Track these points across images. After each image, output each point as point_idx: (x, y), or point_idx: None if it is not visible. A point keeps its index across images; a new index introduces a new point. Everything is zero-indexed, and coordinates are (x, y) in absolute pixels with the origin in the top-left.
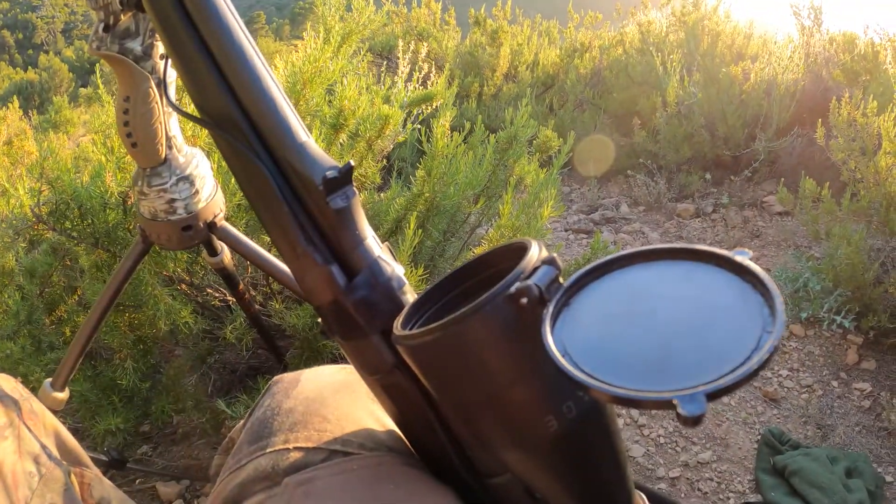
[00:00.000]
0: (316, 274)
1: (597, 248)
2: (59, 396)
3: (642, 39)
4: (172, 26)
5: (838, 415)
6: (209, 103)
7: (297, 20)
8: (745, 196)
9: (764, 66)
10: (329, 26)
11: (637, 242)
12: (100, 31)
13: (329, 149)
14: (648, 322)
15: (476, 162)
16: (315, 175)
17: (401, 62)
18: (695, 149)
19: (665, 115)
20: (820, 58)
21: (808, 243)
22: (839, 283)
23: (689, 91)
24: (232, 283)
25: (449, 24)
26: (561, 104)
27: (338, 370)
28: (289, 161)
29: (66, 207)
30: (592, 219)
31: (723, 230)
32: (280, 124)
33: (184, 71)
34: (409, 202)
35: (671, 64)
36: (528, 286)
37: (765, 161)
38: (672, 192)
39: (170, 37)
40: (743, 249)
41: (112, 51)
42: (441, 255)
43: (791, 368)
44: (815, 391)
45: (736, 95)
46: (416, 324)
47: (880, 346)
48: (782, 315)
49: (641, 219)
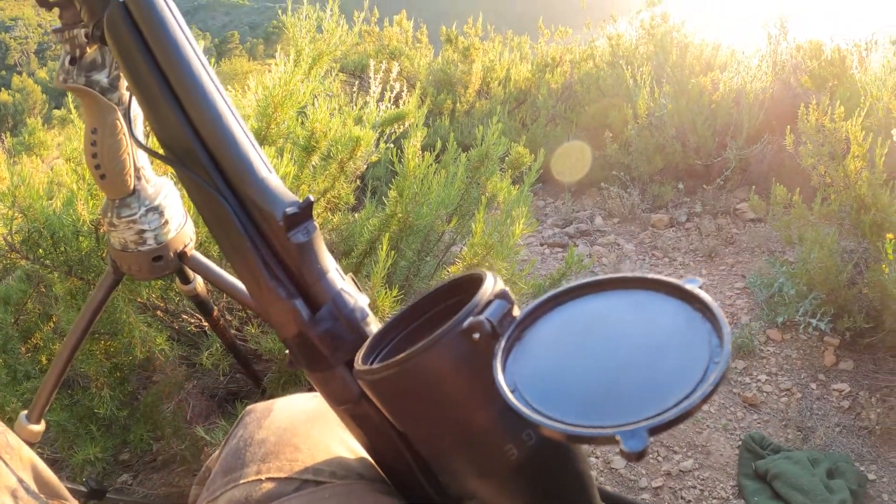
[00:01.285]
0: (280, 308)
1: (571, 262)
2: (35, 429)
3: (612, 52)
4: (134, 62)
5: (818, 416)
6: (171, 138)
7: (270, 39)
8: (718, 204)
9: (733, 76)
10: (300, 48)
11: (612, 254)
12: (66, 64)
13: (301, 171)
14: (598, 354)
15: (448, 181)
16: (276, 211)
17: (372, 82)
18: (667, 159)
19: (636, 127)
20: (788, 65)
21: (781, 248)
22: (814, 287)
23: (659, 102)
24: (206, 310)
25: (421, 42)
26: (533, 119)
27: (310, 398)
28: (250, 197)
29: (39, 236)
30: (567, 232)
31: (697, 239)
32: (240, 160)
33: (146, 106)
34: (383, 223)
35: (641, 76)
36: (480, 321)
37: (736, 169)
38: (646, 203)
39: (132, 72)
40: (693, 278)
41: (79, 83)
42: (416, 275)
43: (769, 373)
44: (794, 394)
45: (706, 105)
46: (378, 356)
47: (857, 347)
48: (729, 345)
49: (616, 230)
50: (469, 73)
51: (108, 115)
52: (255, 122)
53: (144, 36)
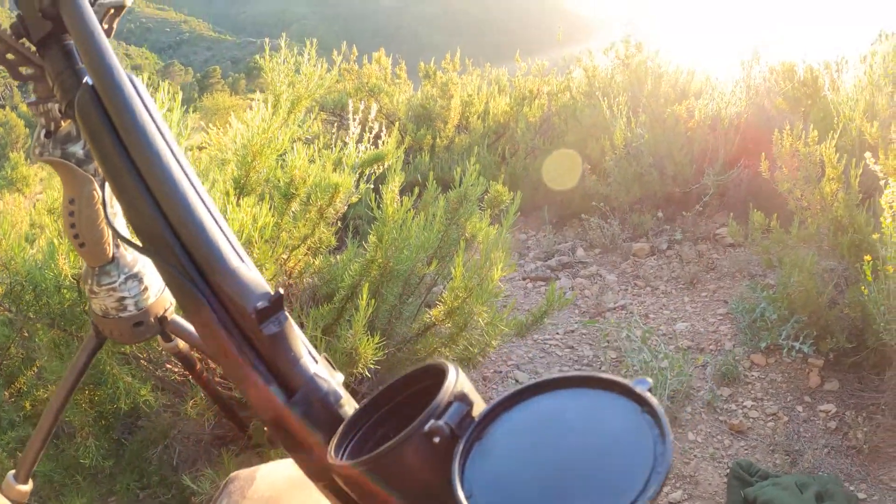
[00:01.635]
0: (257, 393)
1: (552, 299)
2: (22, 489)
3: (589, 83)
4: (104, 147)
5: (805, 439)
6: (142, 225)
7: (252, 74)
8: (698, 230)
9: (707, 102)
10: (278, 93)
11: (594, 286)
12: (41, 138)
13: (281, 218)
14: (550, 458)
15: (428, 223)
16: (247, 304)
17: (351, 123)
18: (645, 188)
19: (614, 157)
20: (762, 89)
21: (762, 271)
22: (795, 310)
23: (636, 132)
24: (189, 364)
25: (400, 77)
26: (512, 153)
27: (292, 465)
28: (221, 287)
29: (22, 289)
30: (549, 265)
31: (678, 266)
32: (211, 251)
33: (116, 191)
34: (364, 268)
35: (617, 107)
36: (439, 426)
37: (714, 194)
38: (626, 233)
39: (101, 157)
40: (643, 378)
41: (55, 156)
42: (398, 318)
43: (755, 398)
44: (780, 418)
45: (682, 133)
46: (350, 444)
47: (841, 366)
48: (671, 454)
49: (598, 261)
50: (448, 109)
51: (84, 186)
52: (235, 169)
53: (113, 121)
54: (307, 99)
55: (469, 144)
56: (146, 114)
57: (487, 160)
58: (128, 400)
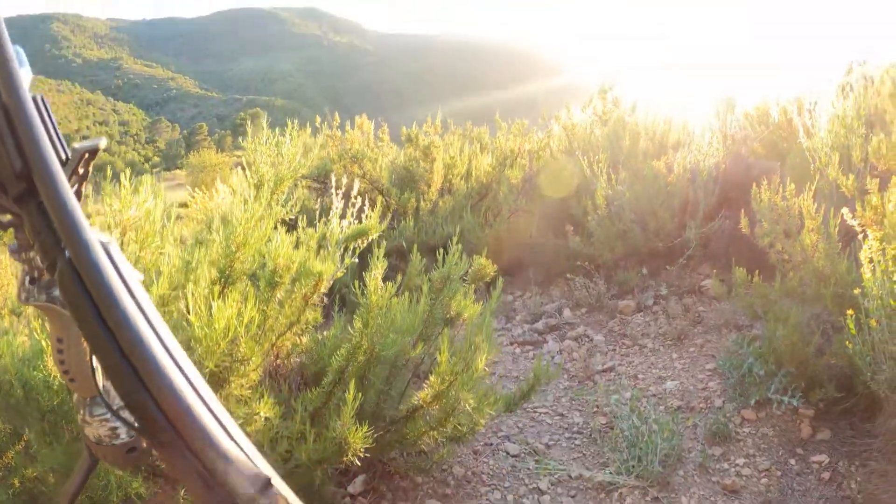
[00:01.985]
0: None
1: (539, 373)
2: None
3: (568, 140)
4: (87, 324)
5: (799, 493)
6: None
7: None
8: (683, 283)
9: (686, 155)
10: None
11: (582, 348)
12: (26, 284)
13: (267, 306)
14: None
15: (412, 305)
16: (236, 486)
17: (334, 197)
18: (629, 245)
19: (596, 217)
20: (738, 136)
21: (748, 322)
22: (782, 363)
23: (617, 190)
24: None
25: (383, 141)
26: (495, 214)
27: None
28: (210, 467)
29: (11, 387)
30: (536, 328)
31: (665, 322)
32: (201, 433)
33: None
34: (350, 353)
35: (598, 164)
36: None
37: (697, 246)
38: (612, 291)
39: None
40: None
41: (40, 300)
42: (386, 400)
43: (747, 455)
44: (773, 473)
45: (662, 188)
46: None
47: (831, 415)
48: None
49: (585, 321)
50: (431, 172)
51: (71, 327)
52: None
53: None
54: (290, 179)
55: (453, 207)
56: (126, 294)
57: (471, 223)
58: (119, 493)
